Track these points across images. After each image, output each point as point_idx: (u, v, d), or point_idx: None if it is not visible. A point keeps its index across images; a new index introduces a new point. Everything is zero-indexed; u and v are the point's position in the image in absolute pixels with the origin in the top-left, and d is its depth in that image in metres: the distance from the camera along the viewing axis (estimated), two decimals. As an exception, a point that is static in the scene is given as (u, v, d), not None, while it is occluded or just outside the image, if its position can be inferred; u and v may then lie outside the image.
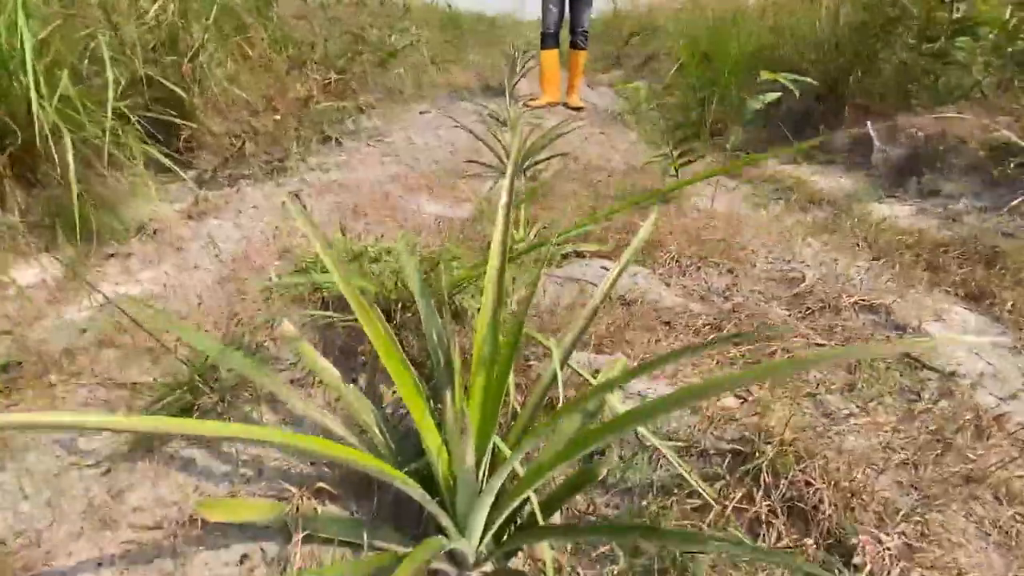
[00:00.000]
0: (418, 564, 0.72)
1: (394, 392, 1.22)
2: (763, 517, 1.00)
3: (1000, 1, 3.26)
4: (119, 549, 0.96)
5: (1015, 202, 2.56)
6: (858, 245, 2.27)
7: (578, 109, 4.72)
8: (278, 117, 3.05)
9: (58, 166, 2.12)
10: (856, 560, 0.92)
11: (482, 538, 0.92)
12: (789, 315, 1.71)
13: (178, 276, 2.11)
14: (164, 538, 0.97)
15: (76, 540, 0.98)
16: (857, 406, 1.34)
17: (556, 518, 1.02)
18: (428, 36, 5.05)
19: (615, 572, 0.94)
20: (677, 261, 1.95)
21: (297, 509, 0.95)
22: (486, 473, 0.92)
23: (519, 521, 1.00)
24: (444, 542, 0.83)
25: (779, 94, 2.48)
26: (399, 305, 1.33)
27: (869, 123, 3.48)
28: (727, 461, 1.10)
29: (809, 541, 0.97)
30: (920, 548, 0.94)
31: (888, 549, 0.93)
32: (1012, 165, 2.72)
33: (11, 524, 1.01)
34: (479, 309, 1.02)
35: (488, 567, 0.94)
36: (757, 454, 1.08)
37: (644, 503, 1.04)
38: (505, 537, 0.98)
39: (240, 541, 0.96)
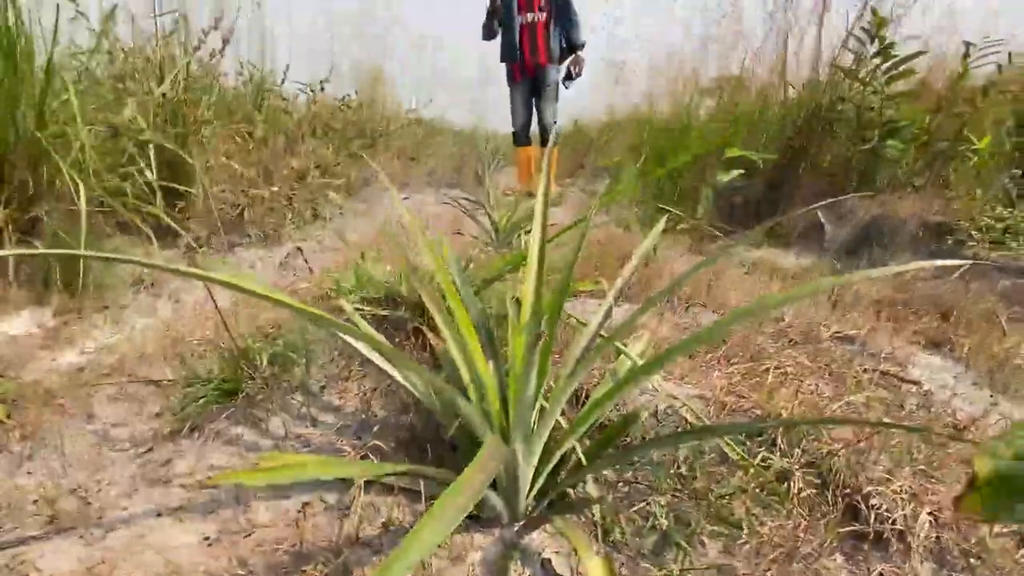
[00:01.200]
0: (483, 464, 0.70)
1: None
2: (785, 472, 1.08)
3: (923, 108, 3.76)
4: (176, 501, 0.97)
5: (956, 274, 2.84)
6: (827, 299, 2.48)
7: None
8: (275, 188, 3.20)
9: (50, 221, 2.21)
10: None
11: (533, 482, 0.98)
12: (775, 344, 1.85)
13: (178, 321, 2.12)
14: (221, 492, 0.99)
15: (128, 498, 0.99)
16: (847, 406, 1.46)
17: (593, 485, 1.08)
18: (404, 135, 5.44)
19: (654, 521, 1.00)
20: (668, 302, 2.11)
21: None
22: (538, 417, 0.99)
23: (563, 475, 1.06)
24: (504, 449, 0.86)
25: (742, 171, 2.78)
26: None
27: (819, 210, 3.84)
28: (743, 436, 1.20)
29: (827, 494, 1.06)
30: (926, 488, 1.04)
31: (896, 492, 1.02)
32: (950, 241, 3.05)
33: (60, 485, 1.01)
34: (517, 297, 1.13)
35: (538, 512, 0.99)
36: (770, 429, 1.18)
37: (673, 460, 1.11)
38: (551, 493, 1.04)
39: (300, 492, 0.99)
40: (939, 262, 0.86)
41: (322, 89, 3.77)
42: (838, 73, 3.95)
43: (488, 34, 4.83)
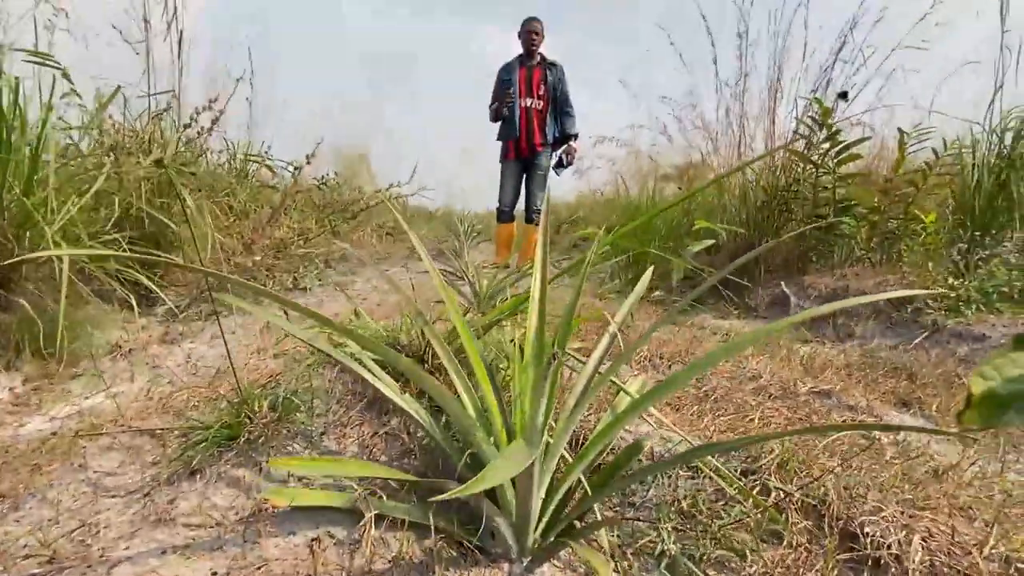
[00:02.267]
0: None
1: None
2: (781, 504, 1.12)
3: (872, 189, 4.04)
4: (182, 540, 0.95)
5: (918, 340, 3.00)
6: (799, 365, 2.57)
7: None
8: (258, 258, 3.24)
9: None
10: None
11: (540, 516, 1.00)
12: (756, 398, 1.92)
13: (158, 385, 2.07)
14: (227, 531, 0.98)
15: (130, 538, 0.97)
16: (832, 447, 1.51)
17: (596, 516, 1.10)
18: (384, 213, 5.57)
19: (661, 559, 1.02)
20: (650, 360, 2.17)
21: (366, 499, 0.99)
22: (543, 452, 1.01)
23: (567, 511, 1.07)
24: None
25: (712, 241, 2.93)
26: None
27: (783, 284, 4.02)
28: (737, 473, 1.24)
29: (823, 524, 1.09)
30: (915, 516, 1.08)
31: (888, 520, 1.07)
32: (909, 310, 3.22)
33: (54, 530, 0.99)
34: (518, 338, 1.18)
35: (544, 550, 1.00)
36: (763, 466, 1.22)
37: (674, 499, 1.14)
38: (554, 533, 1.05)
39: (307, 528, 0.98)
40: (881, 297, 0.94)
41: (308, 163, 3.89)
42: (792, 157, 4.24)
43: (496, 116, 5.12)
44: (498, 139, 5.20)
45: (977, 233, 3.29)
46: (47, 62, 2.76)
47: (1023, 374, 0.39)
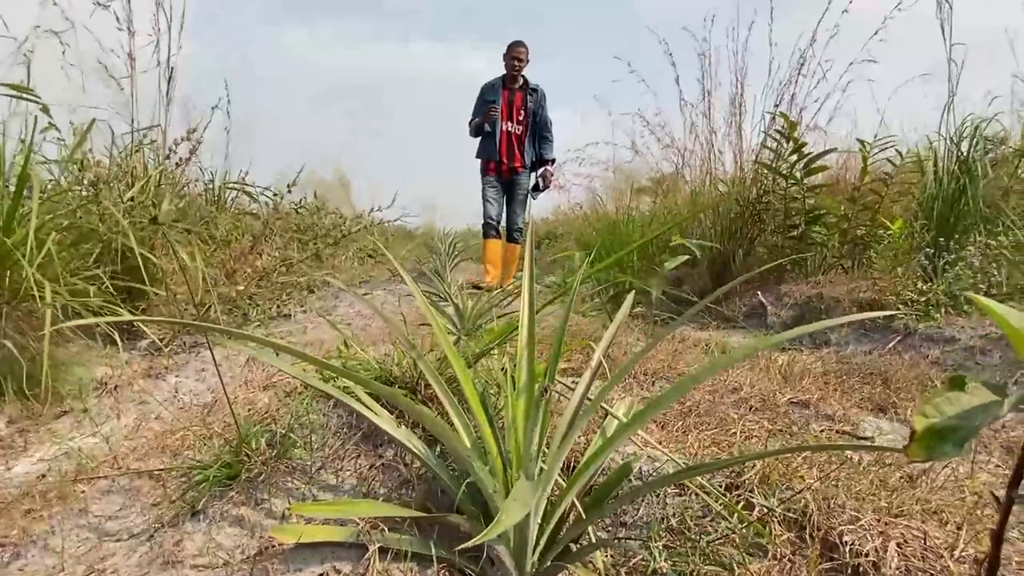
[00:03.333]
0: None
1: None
2: (765, 518, 1.17)
3: (839, 198, 4.18)
4: (190, 581, 0.98)
5: (890, 344, 3.10)
6: (777, 374, 2.65)
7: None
8: (241, 287, 3.25)
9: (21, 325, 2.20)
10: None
11: (537, 540, 1.04)
12: (738, 411, 1.98)
13: (146, 423, 2.06)
14: (235, 571, 1.01)
15: (139, 582, 0.99)
16: (810, 461, 1.57)
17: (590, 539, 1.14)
18: (364, 237, 5.60)
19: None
20: (635, 377, 2.23)
21: (368, 532, 1.02)
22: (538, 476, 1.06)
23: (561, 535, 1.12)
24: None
25: (688, 256, 3.02)
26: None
27: (760, 293, 4.12)
28: (722, 488, 1.29)
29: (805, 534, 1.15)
30: (890, 523, 1.14)
31: (865, 528, 1.13)
32: (881, 317, 3.32)
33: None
34: (511, 368, 1.22)
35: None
36: (746, 480, 1.28)
37: (663, 516, 1.19)
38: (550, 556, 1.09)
39: (314, 563, 1.01)
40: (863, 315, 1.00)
41: (289, 191, 3.92)
42: (761, 169, 4.37)
43: (477, 132, 5.21)
44: (477, 157, 5.29)
45: (942, 238, 3.42)
46: (27, 96, 2.76)
47: (958, 412, 0.46)
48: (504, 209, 5.34)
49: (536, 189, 5.27)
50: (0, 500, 1.48)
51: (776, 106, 4.34)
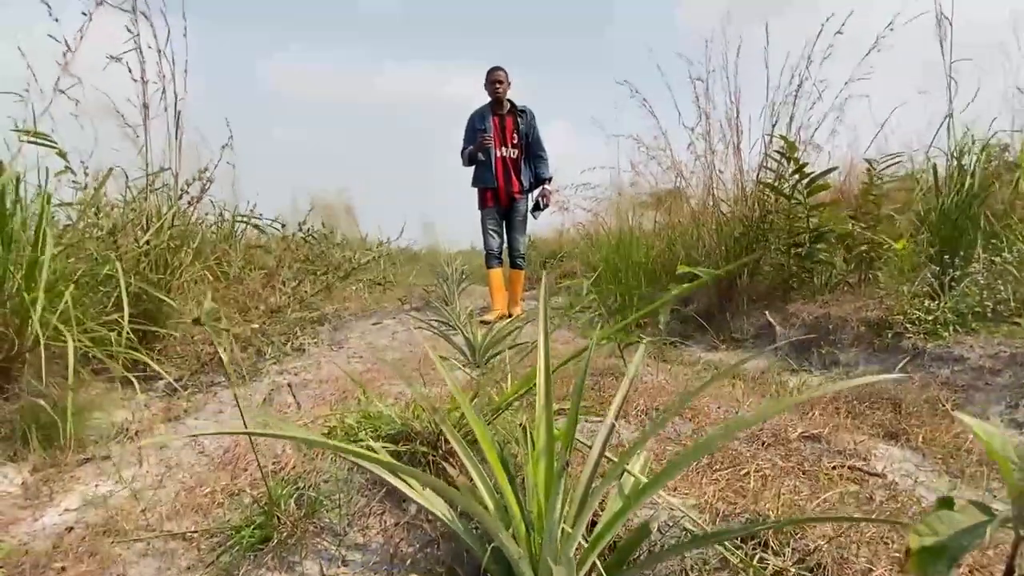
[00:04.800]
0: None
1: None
2: (780, 571, 1.21)
3: (843, 216, 4.21)
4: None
5: (900, 364, 3.11)
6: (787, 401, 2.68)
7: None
8: (255, 325, 3.30)
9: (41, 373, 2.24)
10: None
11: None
12: (750, 447, 2.01)
13: (170, 473, 2.08)
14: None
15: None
16: (824, 503, 1.60)
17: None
18: (372, 267, 5.68)
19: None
20: (647, 414, 2.26)
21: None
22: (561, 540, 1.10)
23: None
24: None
25: (692, 282, 3.05)
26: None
27: (767, 313, 4.15)
28: (738, 539, 1.32)
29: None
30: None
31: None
32: (890, 335, 3.34)
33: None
34: (530, 426, 1.26)
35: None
36: (761, 532, 1.31)
37: (681, 570, 1.22)
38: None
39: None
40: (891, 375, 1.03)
41: (299, 228, 3.99)
42: (764, 189, 4.41)
43: (470, 161, 5.25)
44: (473, 186, 5.33)
45: (946, 255, 3.44)
46: (45, 142, 2.83)
47: (950, 533, 0.50)
48: (504, 236, 5.40)
49: (537, 208, 5.33)
50: (34, 557, 1.52)
51: (773, 126, 4.39)
